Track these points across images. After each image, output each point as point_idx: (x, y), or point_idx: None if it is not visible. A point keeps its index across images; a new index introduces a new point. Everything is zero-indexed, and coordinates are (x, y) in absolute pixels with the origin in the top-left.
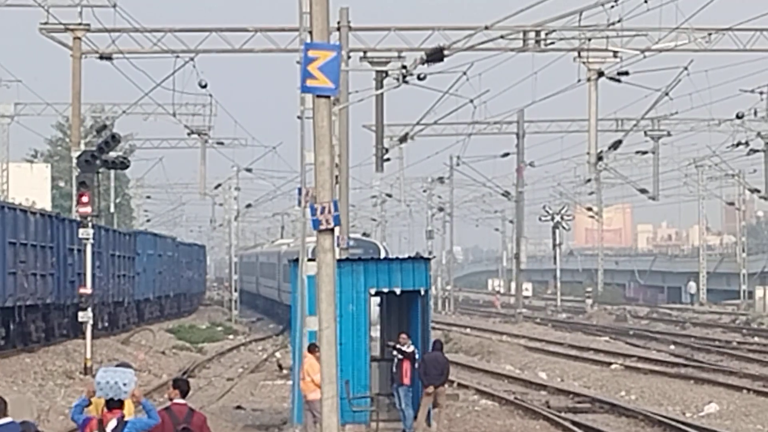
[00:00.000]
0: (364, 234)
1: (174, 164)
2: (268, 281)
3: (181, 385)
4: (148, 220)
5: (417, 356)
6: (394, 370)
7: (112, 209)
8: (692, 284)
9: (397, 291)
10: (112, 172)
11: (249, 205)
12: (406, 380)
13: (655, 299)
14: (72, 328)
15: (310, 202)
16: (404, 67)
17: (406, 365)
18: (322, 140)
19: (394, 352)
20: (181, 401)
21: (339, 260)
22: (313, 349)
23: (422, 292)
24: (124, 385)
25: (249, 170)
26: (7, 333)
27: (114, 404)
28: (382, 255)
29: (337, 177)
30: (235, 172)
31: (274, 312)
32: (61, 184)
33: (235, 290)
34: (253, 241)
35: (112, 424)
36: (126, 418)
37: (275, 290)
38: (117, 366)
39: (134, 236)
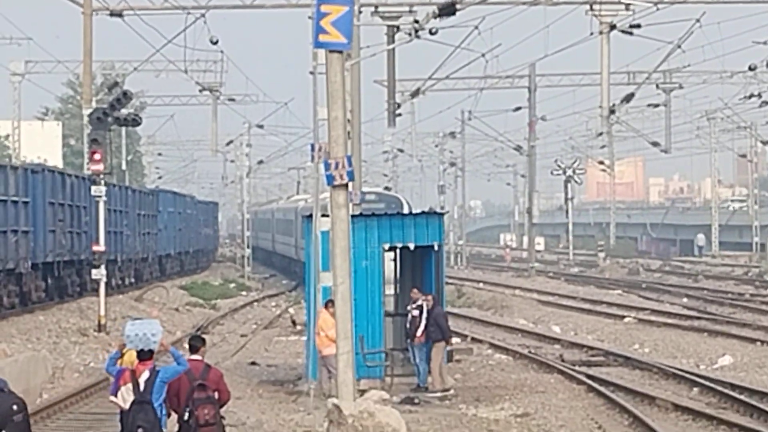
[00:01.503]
0: (386, 188)
1: (185, 121)
2: (284, 238)
3: (194, 343)
4: (160, 177)
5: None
6: (408, 326)
7: (123, 167)
8: (701, 236)
9: (411, 246)
10: (124, 129)
11: (261, 162)
12: (420, 336)
13: (668, 252)
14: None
15: (323, 157)
16: (416, 21)
17: (423, 321)
18: (335, 95)
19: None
20: (198, 357)
21: (352, 216)
22: (328, 304)
23: (436, 247)
24: (153, 335)
25: (260, 126)
26: (46, 286)
27: (145, 355)
28: (405, 209)
29: (349, 132)
30: (247, 129)
31: (291, 270)
32: (72, 141)
33: (248, 247)
34: (266, 198)
35: (145, 374)
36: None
37: (292, 247)
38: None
39: (156, 195)
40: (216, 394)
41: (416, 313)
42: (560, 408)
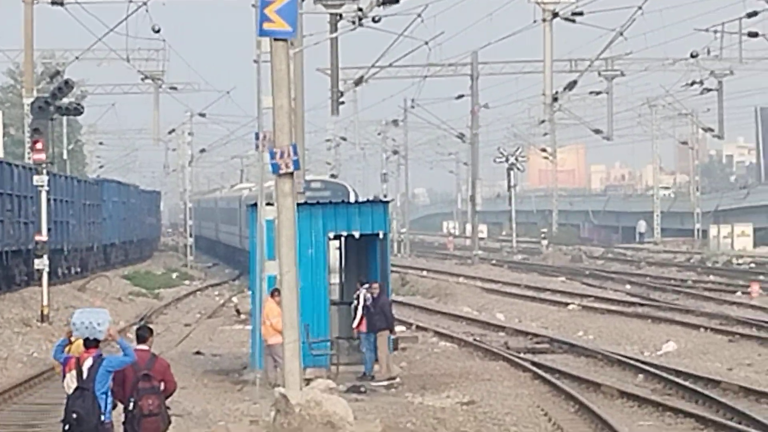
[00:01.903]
0: (331, 175)
1: (127, 110)
2: (228, 227)
3: (141, 332)
4: (101, 167)
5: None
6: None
7: (65, 156)
8: (642, 223)
9: (356, 235)
10: (65, 118)
11: (203, 150)
12: (359, 326)
13: (609, 239)
14: (52, 272)
15: (268, 146)
16: (360, 9)
17: (359, 312)
18: (280, 84)
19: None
20: (144, 347)
21: (297, 204)
22: (273, 293)
23: (381, 236)
24: (98, 324)
25: (203, 115)
26: None
27: (90, 343)
28: (351, 197)
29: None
30: (189, 117)
31: (235, 259)
32: (12, 131)
33: (190, 236)
34: (208, 187)
35: (89, 362)
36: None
37: (236, 236)
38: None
39: (101, 184)
40: (162, 385)
41: (355, 303)
42: (506, 395)
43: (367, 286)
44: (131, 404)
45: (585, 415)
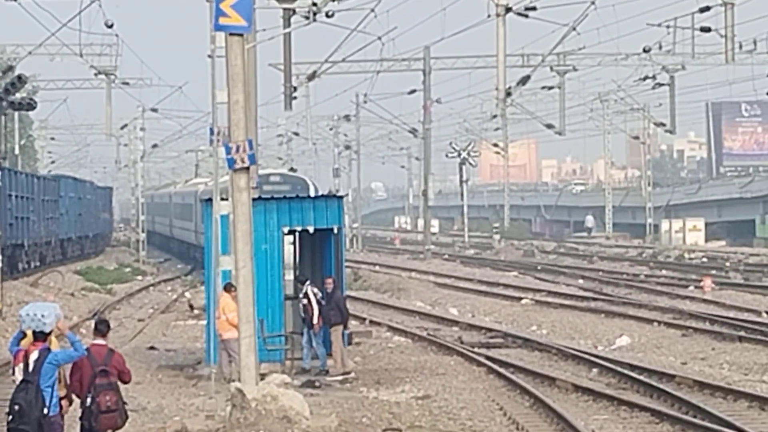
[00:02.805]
0: (290, 169)
1: (79, 105)
2: (183, 223)
3: (100, 327)
4: (53, 162)
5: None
6: (302, 314)
7: (16, 151)
8: (589, 218)
9: (311, 229)
10: (17, 113)
11: (155, 146)
12: (318, 323)
13: (561, 234)
14: (13, 266)
15: (223, 141)
16: (314, 4)
17: (315, 307)
18: (236, 79)
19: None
20: (101, 342)
21: (252, 199)
22: (228, 288)
23: (335, 230)
24: (43, 317)
25: (155, 110)
26: None
27: (38, 336)
28: (311, 191)
29: None
30: (141, 113)
31: (191, 256)
32: None
33: (143, 231)
34: (159, 182)
35: (35, 355)
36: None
37: (192, 233)
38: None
39: (58, 180)
40: (118, 379)
41: (305, 301)
42: (461, 390)
43: (309, 282)
44: (89, 400)
45: (540, 409)
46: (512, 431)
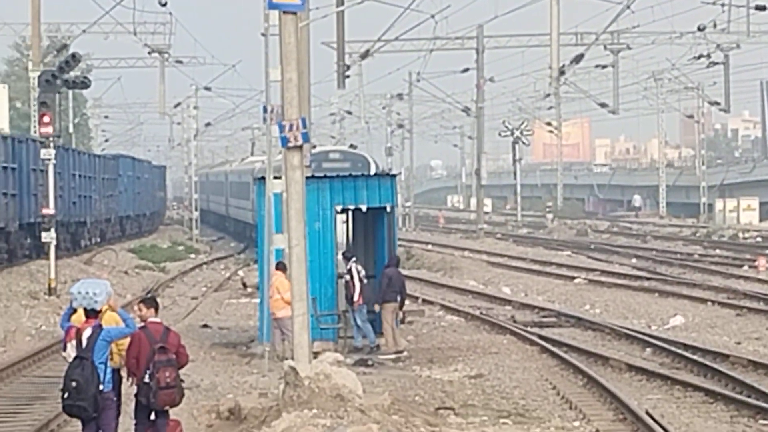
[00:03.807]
0: (351, 146)
1: (132, 83)
2: (239, 202)
3: (153, 303)
4: (107, 140)
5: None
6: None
7: (71, 130)
8: (636, 197)
9: (363, 208)
10: (71, 92)
11: (208, 124)
12: (358, 300)
13: (615, 213)
14: (71, 243)
15: (277, 119)
16: None
17: (357, 285)
18: (289, 57)
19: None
20: (157, 320)
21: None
22: (280, 266)
23: (388, 209)
24: (95, 294)
25: (208, 89)
26: (32, 244)
27: (90, 314)
28: (372, 168)
29: None
30: (194, 91)
31: (248, 235)
32: (18, 104)
33: (196, 209)
34: (212, 160)
35: (87, 332)
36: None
37: (248, 211)
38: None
39: (117, 160)
40: (175, 357)
41: (348, 277)
42: (514, 369)
43: (354, 259)
44: (147, 376)
45: (593, 388)
46: (565, 410)
